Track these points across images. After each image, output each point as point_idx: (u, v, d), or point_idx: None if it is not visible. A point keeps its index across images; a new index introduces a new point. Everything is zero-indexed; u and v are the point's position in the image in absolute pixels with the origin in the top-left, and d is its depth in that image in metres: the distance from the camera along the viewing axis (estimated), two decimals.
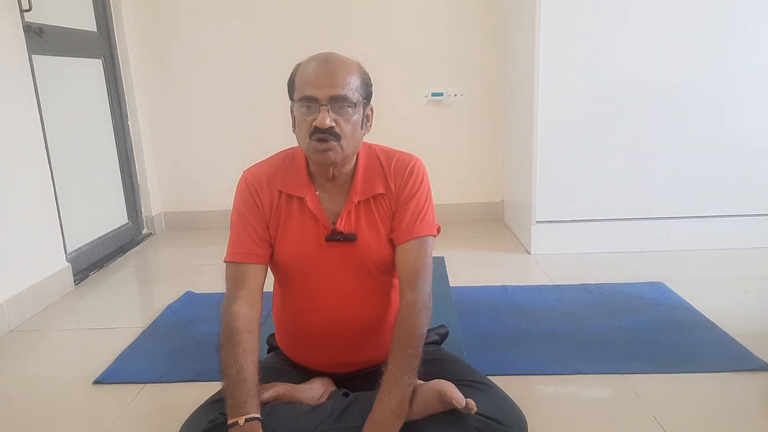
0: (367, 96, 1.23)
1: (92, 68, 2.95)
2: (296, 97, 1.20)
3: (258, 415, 1.10)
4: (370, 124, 1.28)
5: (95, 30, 2.96)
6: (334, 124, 1.16)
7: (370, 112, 1.27)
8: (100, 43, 3.00)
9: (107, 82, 3.04)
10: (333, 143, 1.18)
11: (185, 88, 3.33)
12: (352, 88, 1.18)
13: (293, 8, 3.20)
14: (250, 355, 1.17)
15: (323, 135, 1.16)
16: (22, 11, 2.31)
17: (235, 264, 1.27)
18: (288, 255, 1.29)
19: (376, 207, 1.29)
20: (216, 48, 3.27)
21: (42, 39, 2.47)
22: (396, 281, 1.34)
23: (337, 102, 1.16)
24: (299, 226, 1.28)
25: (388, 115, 3.19)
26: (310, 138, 1.18)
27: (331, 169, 1.26)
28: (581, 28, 2.58)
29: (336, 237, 1.26)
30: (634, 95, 2.62)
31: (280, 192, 1.29)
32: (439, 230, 1.31)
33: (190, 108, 3.35)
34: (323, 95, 1.15)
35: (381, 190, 1.28)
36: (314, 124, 1.16)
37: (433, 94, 3.29)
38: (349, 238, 1.27)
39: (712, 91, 2.61)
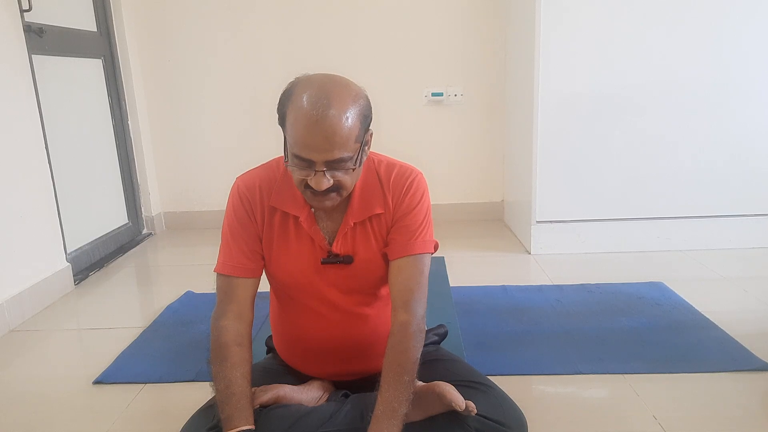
0: (367, 126, 1.12)
1: (92, 68, 2.95)
2: (289, 147, 1.11)
3: (249, 427, 1.09)
4: (369, 148, 1.17)
5: (95, 30, 2.96)
6: (331, 183, 1.10)
7: (369, 137, 1.15)
8: (100, 43, 3.00)
9: (107, 82, 3.04)
10: (331, 194, 1.13)
11: (185, 88, 3.33)
12: (350, 141, 1.07)
13: (293, 8, 3.20)
14: (239, 368, 1.16)
15: (320, 193, 1.12)
16: (22, 11, 2.31)
17: (225, 276, 1.25)
18: (284, 275, 1.27)
19: (372, 226, 1.24)
20: (216, 48, 3.27)
21: (42, 39, 2.47)
22: None
23: (335, 163, 1.08)
24: (296, 246, 1.24)
25: (388, 115, 3.19)
26: (305, 188, 1.13)
27: None
28: (581, 28, 2.58)
29: (332, 260, 1.23)
30: (634, 95, 2.62)
31: (275, 208, 1.24)
32: (436, 247, 1.26)
33: (190, 108, 3.35)
34: (319, 159, 1.07)
35: (378, 210, 1.23)
36: (310, 184, 1.10)
37: (433, 94, 3.28)
38: (345, 261, 1.23)
39: (712, 92, 2.61)
